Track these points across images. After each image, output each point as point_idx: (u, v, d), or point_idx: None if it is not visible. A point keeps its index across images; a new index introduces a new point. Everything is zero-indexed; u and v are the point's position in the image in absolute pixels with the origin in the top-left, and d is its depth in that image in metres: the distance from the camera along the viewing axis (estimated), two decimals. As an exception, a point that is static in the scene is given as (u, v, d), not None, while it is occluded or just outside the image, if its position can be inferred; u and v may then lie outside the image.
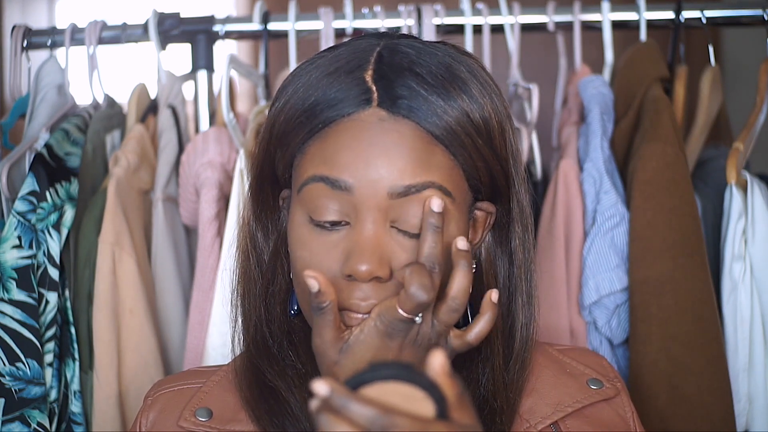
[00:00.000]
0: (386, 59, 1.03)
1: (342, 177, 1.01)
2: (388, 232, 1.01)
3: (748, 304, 1.45)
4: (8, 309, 1.39)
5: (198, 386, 1.12)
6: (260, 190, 1.11)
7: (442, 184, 1.01)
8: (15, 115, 1.63)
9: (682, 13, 1.65)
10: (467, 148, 1.03)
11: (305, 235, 1.03)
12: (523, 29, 1.67)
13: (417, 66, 1.03)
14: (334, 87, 1.02)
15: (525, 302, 1.09)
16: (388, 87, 1.02)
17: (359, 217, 1.01)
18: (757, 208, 1.47)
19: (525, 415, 1.09)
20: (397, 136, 1.01)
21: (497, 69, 1.71)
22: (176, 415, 1.09)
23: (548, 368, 1.13)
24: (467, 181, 1.05)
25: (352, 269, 1.00)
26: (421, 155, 1.01)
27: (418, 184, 1.00)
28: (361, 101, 1.02)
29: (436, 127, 1.01)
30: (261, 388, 1.08)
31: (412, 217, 1.01)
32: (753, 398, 1.46)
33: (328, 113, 1.02)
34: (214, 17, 1.68)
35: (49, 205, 1.44)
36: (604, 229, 1.48)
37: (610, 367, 1.17)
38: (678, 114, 1.59)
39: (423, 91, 1.01)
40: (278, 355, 1.09)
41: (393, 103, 1.01)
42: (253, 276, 1.11)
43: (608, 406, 1.12)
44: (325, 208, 1.02)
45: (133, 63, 1.70)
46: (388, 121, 1.01)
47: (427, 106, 1.01)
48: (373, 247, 1.00)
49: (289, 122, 1.04)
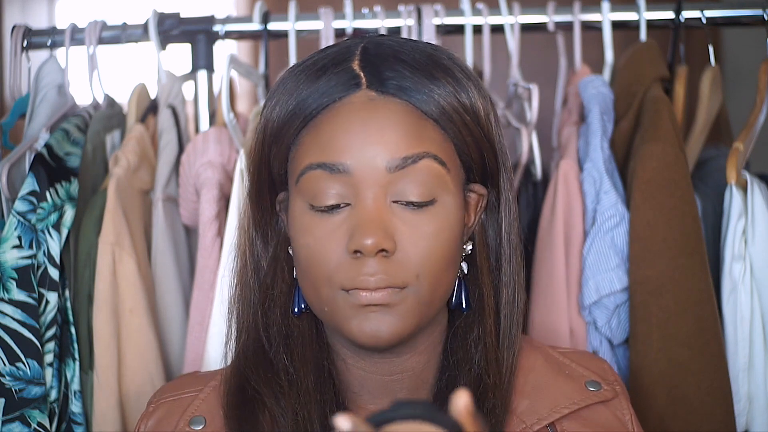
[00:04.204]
0: (371, 50, 1.07)
1: (340, 160, 1.03)
2: (390, 207, 1.03)
3: (748, 304, 1.45)
4: (8, 309, 1.39)
5: (195, 394, 1.14)
6: (259, 196, 1.12)
7: (438, 154, 1.04)
8: (15, 115, 1.63)
9: (682, 13, 1.65)
10: (456, 123, 1.05)
11: (307, 223, 1.05)
12: (523, 29, 1.67)
13: (401, 54, 1.06)
14: (323, 79, 1.05)
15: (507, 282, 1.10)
16: (375, 71, 1.05)
17: (360, 196, 1.03)
18: (757, 208, 1.47)
19: (522, 416, 1.09)
20: (389, 113, 1.03)
21: (497, 69, 1.72)
22: (173, 424, 1.12)
23: (547, 369, 1.14)
24: (459, 156, 1.07)
25: (357, 244, 1.01)
26: (413, 129, 1.03)
27: (414, 154, 1.03)
28: (350, 86, 1.04)
29: (425, 103, 1.04)
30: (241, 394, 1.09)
31: (411, 189, 1.03)
32: (753, 398, 1.46)
33: (320, 101, 1.05)
34: (214, 17, 1.68)
35: (49, 205, 1.44)
36: (604, 229, 1.48)
37: (611, 370, 1.17)
38: (678, 114, 1.59)
39: (409, 73, 1.05)
40: (272, 359, 1.10)
41: (381, 84, 1.04)
42: (250, 284, 1.13)
43: (606, 409, 1.13)
44: (324, 193, 1.03)
45: (133, 63, 1.70)
46: (378, 100, 1.04)
47: (414, 85, 1.04)
48: (377, 220, 1.02)
49: (282, 117, 1.06)
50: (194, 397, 1.13)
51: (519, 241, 1.12)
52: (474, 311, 1.10)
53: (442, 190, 1.04)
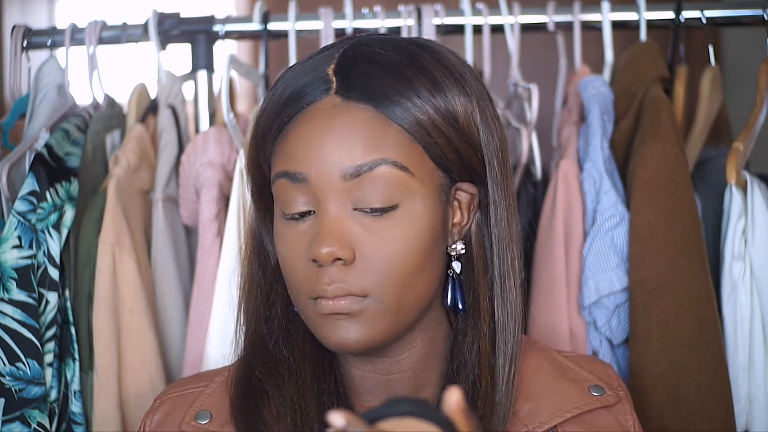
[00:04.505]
0: (349, 52, 1.06)
1: (299, 170, 1.03)
2: (350, 215, 1.03)
3: (748, 304, 1.45)
4: (8, 309, 1.39)
5: (201, 389, 1.14)
6: (260, 195, 1.13)
7: (397, 159, 1.02)
8: (15, 115, 1.63)
9: (682, 13, 1.64)
10: (425, 127, 1.04)
11: (280, 230, 1.06)
12: (523, 29, 1.67)
13: (376, 55, 1.05)
14: (301, 83, 1.05)
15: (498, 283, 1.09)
16: (345, 75, 1.04)
17: (320, 204, 1.03)
18: (757, 208, 1.47)
19: (524, 419, 1.09)
20: (349, 120, 1.03)
21: (497, 69, 1.72)
22: (179, 419, 1.11)
23: (551, 373, 1.14)
24: (432, 159, 1.05)
25: (314, 253, 1.02)
26: (373, 135, 1.03)
27: (369, 162, 1.02)
28: (320, 92, 1.04)
29: (389, 108, 1.03)
30: (247, 388, 1.10)
31: (370, 195, 1.02)
32: (753, 398, 1.46)
33: (292, 107, 1.05)
34: (214, 17, 1.68)
35: (49, 205, 1.44)
36: (604, 229, 1.48)
37: (615, 375, 1.17)
38: (678, 114, 1.59)
39: (377, 76, 1.04)
40: (273, 350, 1.11)
41: (347, 89, 1.04)
42: (257, 280, 1.13)
43: (609, 414, 1.12)
44: (292, 201, 1.04)
45: (133, 63, 1.70)
46: (341, 106, 1.03)
47: (380, 89, 1.03)
48: (333, 229, 1.02)
49: (265, 124, 1.07)
50: (200, 393, 1.13)
51: (516, 241, 1.10)
52: (469, 313, 1.09)
53: (406, 195, 1.03)
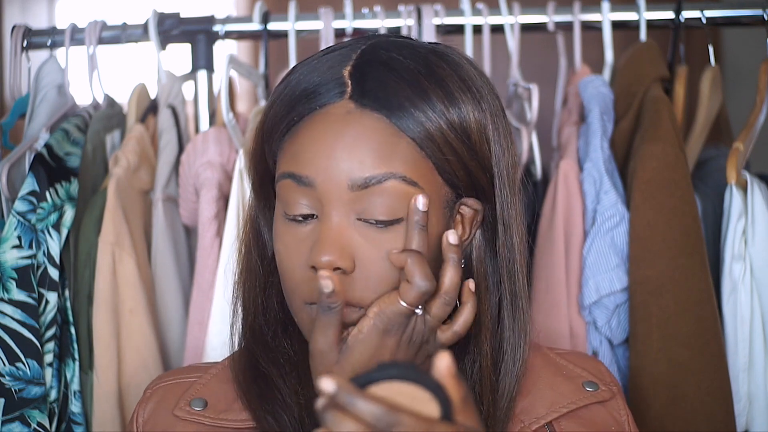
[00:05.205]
0: (367, 55, 1.04)
1: (305, 173, 1.02)
2: (353, 224, 1.02)
3: (748, 304, 1.45)
4: (8, 309, 1.39)
5: (195, 379, 1.13)
6: (261, 186, 1.12)
7: (406, 174, 1.01)
8: (15, 115, 1.63)
9: (682, 13, 1.65)
10: (436, 142, 1.02)
11: (280, 229, 1.05)
12: (523, 29, 1.67)
13: (394, 61, 1.03)
14: (315, 81, 1.04)
15: (509, 303, 1.08)
16: (361, 80, 1.03)
17: (324, 211, 1.02)
18: (757, 208, 1.47)
19: (520, 416, 1.10)
20: (362, 128, 1.01)
21: (497, 69, 1.72)
22: (172, 406, 1.11)
23: (545, 370, 1.14)
24: (440, 175, 1.04)
25: (313, 260, 1.01)
26: (384, 147, 1.01)
27: (378, 175, 1.01)
28: (334, 94, 1.03)
29: (402, 120, 1.01)
30: (255, 374, 1.09)
31: (376, 207, 1.01)
32: (753, 398, 1.46)
33: (304, 106, 1.03)
34: (214, 17, 1.68)
35: (49, 205, 1.44)
36: (604, 229, 1.48)
37: (607, 372, 1.17)
38: (678, 114, 1.59)
39: (394, 84, 1.02)
40: (272, 343, 1.10)
41: (362, 96, 1.02)
42: (254, 270, 1.12)
43: (603, 409, 1.13)
44: (295, 203, 1.03)
45: (133, 63, 1.71)
46: (355, 113, 1.02)
47: (396, 99, 1.01)
48: (334, 238, 1.01)
49: (274, 118, 1.06)
50: (194, 382, 1.13)
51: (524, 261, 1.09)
52: (470, 330, 1.07)
53: None
